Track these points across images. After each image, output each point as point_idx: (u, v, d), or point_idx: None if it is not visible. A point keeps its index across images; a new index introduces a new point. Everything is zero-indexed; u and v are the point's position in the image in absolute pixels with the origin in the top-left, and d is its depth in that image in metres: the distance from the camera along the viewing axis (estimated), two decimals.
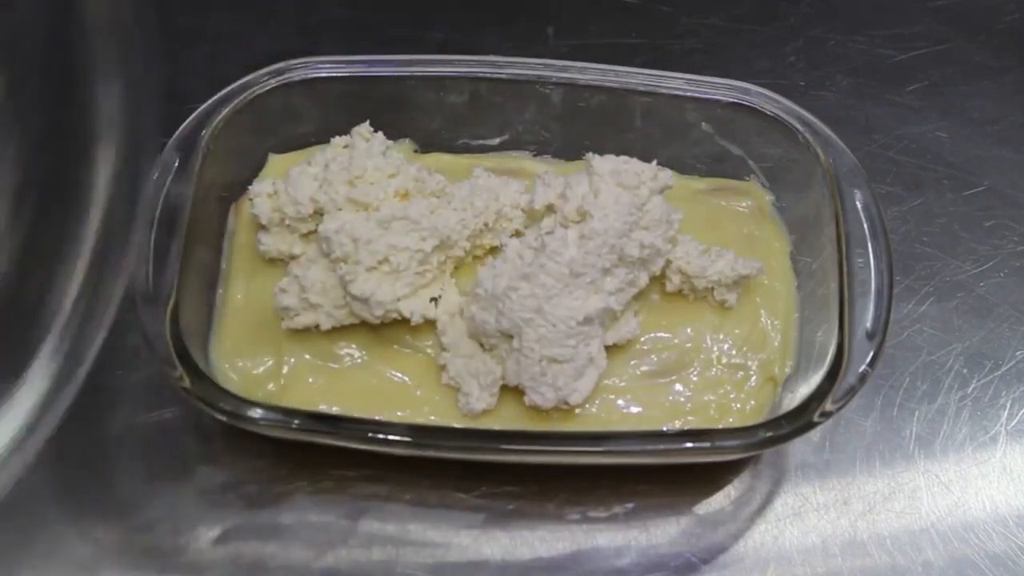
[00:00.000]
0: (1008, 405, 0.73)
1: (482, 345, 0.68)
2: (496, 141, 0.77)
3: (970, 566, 0.68)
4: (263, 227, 0.71)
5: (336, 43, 0.81)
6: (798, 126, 0.71)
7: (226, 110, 0.71)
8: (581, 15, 0.90)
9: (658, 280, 0.71)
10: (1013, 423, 0.73)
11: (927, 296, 0.77)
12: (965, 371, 0.74)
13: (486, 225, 0.70)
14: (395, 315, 0.67)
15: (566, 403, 0.66)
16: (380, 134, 0.70)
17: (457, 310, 0.69)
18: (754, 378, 0.69)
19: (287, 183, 0.70)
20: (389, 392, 0.68)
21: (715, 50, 0.88)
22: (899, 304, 0.76)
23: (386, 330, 0.69)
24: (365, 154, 0.69)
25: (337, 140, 0.71)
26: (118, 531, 0.66)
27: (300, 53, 0.72)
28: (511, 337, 0.66)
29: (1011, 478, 0.71)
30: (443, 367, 0.68)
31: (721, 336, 0.70)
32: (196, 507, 0.67)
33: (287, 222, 0.70)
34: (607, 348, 0.69)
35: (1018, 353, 0.75)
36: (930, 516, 0.69)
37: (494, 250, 0.71)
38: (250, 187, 0.72)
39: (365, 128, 0.71)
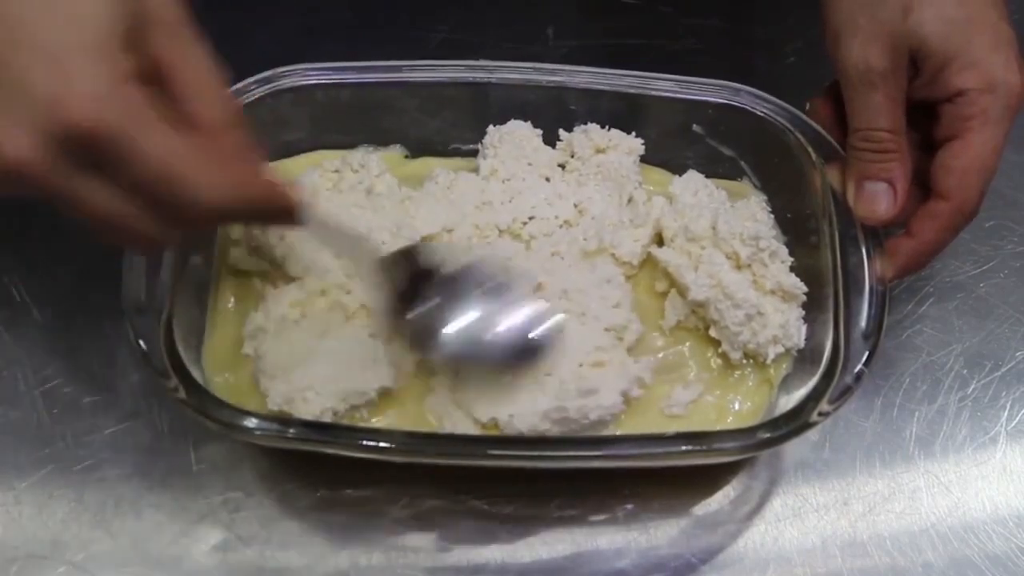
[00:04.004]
0: (1008, 406, 0.73)
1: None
2: None
3: (970, 567, 0.67)
4: (234, 241, 0.71)
5: (337, 44, 0.81)
6: (789, 126, 0.71)
7: None
8: (581, 16, 0.90)
9: (650, 283, 0.72)
10: (1013, 424, 0.72)
11: (927, 296, 0.77)
12: (965, 372, 0.74)
13: None
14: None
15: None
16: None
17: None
18: (751, 379, 0.69)
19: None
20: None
21: (715, 51, 0.88)
22: (899, 305, 0.76)
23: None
24: None
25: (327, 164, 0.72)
26: (116, 537, 0.66)
27: (301, 54, 0.72)
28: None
29: (1011, 479, 0.70)
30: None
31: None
32: (194, 513, 0.67)
33: (252, 244, 0.70)
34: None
35: (1018, 354, 0.75)
36: (930, 517, 0.69)
37: None
38: None
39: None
